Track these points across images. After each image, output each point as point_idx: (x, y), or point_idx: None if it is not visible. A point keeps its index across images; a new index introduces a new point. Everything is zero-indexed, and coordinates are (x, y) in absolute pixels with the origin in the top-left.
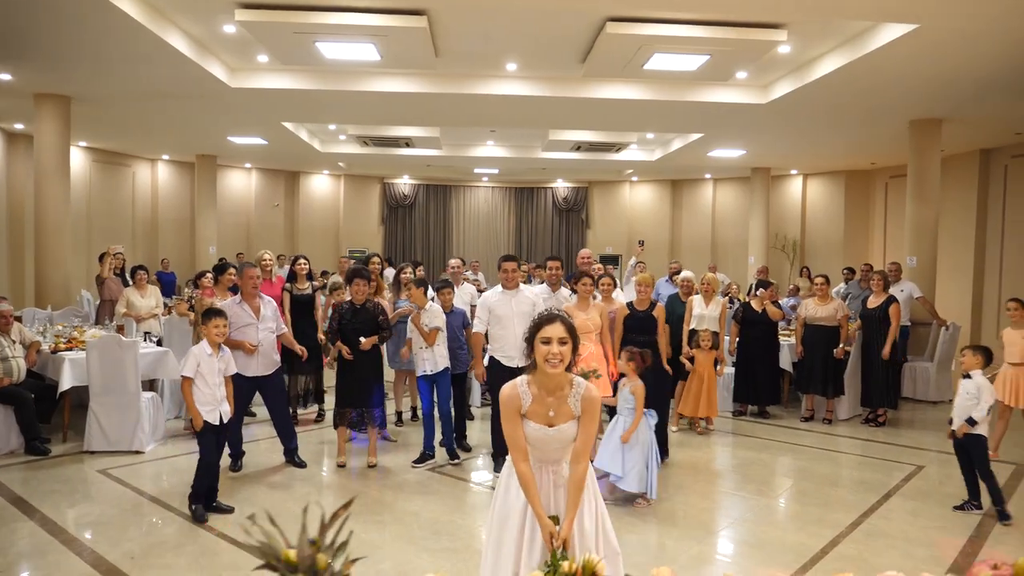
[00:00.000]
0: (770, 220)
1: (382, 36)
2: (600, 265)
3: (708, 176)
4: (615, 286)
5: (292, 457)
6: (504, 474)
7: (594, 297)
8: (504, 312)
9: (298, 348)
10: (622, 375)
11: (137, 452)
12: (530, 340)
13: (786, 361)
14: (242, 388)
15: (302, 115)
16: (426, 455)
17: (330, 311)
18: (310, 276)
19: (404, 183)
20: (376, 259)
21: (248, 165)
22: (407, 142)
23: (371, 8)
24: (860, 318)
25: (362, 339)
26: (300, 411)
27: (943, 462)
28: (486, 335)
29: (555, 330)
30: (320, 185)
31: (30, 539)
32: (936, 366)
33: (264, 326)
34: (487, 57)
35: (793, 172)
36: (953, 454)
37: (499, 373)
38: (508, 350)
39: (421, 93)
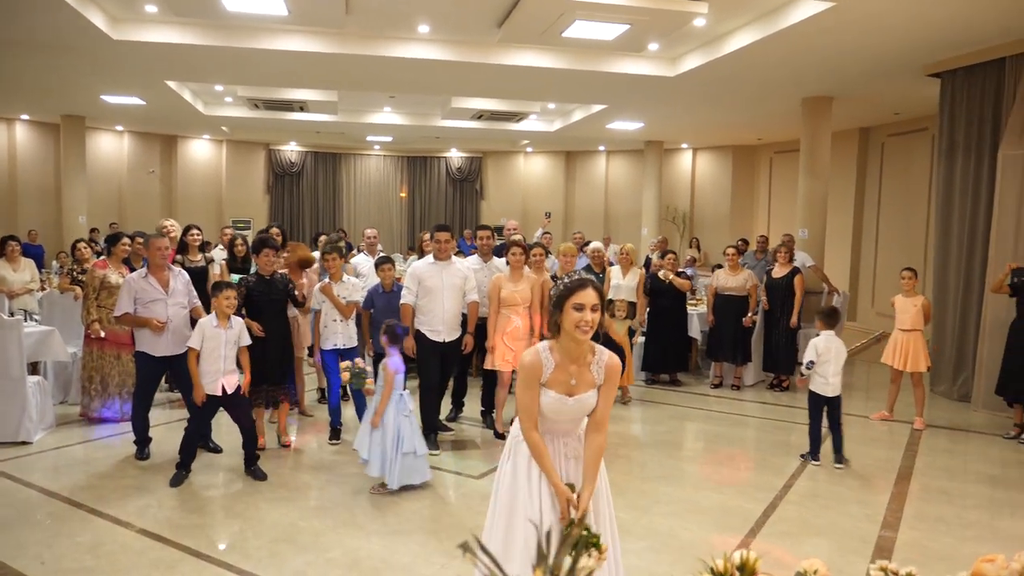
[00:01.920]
0: (662, 192)
1: None
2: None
3: (602, 148)
4: (547, 256)
5: (206, 443)
6: (509, 452)
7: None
8: (434, 284)
9: (203, 314)
10: None
11: (24, 443)
12: (559, 305)
13: (695, 330)
14: (150, 369)
15: (191, 73)
16: (338, 430)
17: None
18: (203, 247)
19: (291, 150)
20: (276, 229)
21: (120, 128)
22: (302, 106)
23: None
24: (765, 288)
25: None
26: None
27: (847, 423)
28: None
29: (589, 296)
30: (200, 151)
31: None
32: None
33: (174, 301)
34: (399, 17)
35: (684, 146)
36: (852, 415)
37: (424, 348)
38: (435, 324)
39: (326, 53)
